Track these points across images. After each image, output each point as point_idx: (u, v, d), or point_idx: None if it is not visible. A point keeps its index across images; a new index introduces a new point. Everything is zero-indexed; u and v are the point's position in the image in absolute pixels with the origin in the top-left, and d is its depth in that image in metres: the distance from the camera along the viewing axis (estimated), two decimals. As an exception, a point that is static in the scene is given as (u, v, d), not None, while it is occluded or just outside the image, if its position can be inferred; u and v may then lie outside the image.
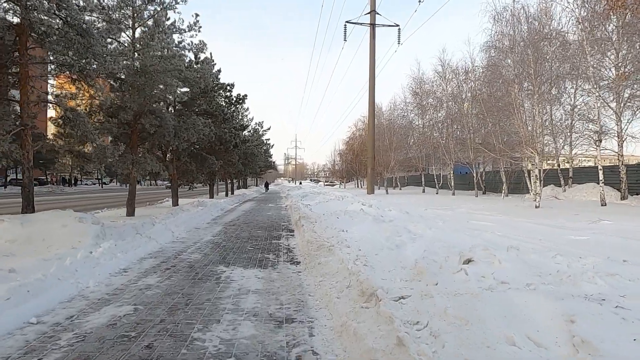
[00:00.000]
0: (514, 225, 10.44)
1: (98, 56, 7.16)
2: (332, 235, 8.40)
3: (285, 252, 7.82)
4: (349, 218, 11.88)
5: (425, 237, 8.50)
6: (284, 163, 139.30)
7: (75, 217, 6.82)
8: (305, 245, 8.07)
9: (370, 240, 8.14)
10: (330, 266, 5.75)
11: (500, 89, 23.37)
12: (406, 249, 7.17)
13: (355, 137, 57.66)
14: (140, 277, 5.51)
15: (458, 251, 5.89)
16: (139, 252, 7.06)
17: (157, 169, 11.58)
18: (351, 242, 7.74)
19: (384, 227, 9.87)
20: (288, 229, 11.49)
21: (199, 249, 7.94)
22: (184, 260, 6.78)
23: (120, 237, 7.30)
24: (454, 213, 14.25)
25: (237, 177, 38.39)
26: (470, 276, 4.15)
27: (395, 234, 8.68)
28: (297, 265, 6.60)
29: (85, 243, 6.40)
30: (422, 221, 11.64)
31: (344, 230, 9.26)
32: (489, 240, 7.78)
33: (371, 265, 5.50)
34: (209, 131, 14.77)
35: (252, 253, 7.56)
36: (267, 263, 6.68)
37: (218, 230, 10.97)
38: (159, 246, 7.99)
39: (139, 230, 8.32)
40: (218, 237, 9.55)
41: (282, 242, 9.06)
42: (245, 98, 25.05)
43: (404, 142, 38.44)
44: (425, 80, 33.15)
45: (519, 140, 16.81)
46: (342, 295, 4.30)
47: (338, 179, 74.60)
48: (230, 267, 6.28)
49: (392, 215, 13.40)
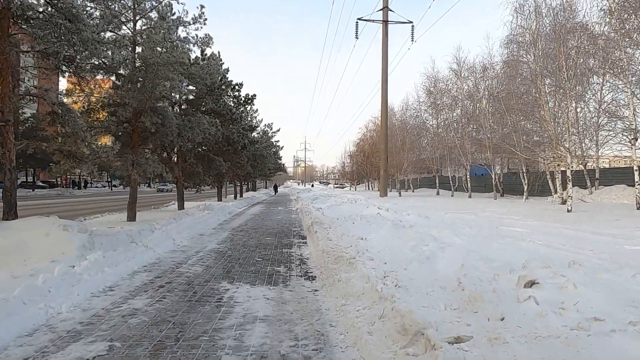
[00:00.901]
0: (551, 232, 9.37)
1: (87, 43, 6.34)
2: (350, 244, 7.45)
3: (298, 263, 6.89)
4: (365, 223, 10.93)
5: (456, 247, 7.51)
6: (293, 165, 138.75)
7: (59, 224, 5.97)
8: (320, 256, 7.13)
9: (394, 250, 7.18)
10: (353, 285, 4.80)
11: (520, 86, 22.25)
12: (437, 261, 6.19)
13: (366, 138, 56.61)
14: (127, 298, 4.62)
15: (508, 268, 4.91)
16: (132, 264, 6.19)
17: (158, 170, 10.75)
18: (373, 253, 6.79)
19: (406, 234, 8.92)
20: (300, 236, 10.57)
21: (201, 259, 7.05)
22: (182, 274, 5.89)
23: (112, 247, 6.44)
24: (478, 218, 13.18)
25: (246, 180, 37.63)
26: (543, 307, 3.17)
27: (421, 243, 7.71)
28: (312, 281, 5.66)
29: (69, 255, 5.55)
30: (446, 227, 10.64)
31: (363, 237, 8.30)
32: (533, 252, 6.76)
33: (404, 284, 4.54)
34: (216, 130, 13.93)
35: (261, 265, 6.65)
36: (278, 278, 5.76)
37: (224, 237, 10.09)
38: (156, 256, 7.11)
39: (134, 238, 7.46)
40: (223, 245, 8.65)
41: (293, 251, 8.14)
42: (254, 98, 24.25)
43: (417, 143, 37.31)
44: (440, 79, 32.04)
45: (548, 139, 15.66)
46: (375, 330, 3.35)
47: (348, 181, 73.55)
48: (235, 284, 5.36)
49: (412, 220, 12.41)
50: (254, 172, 33.36)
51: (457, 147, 28.94)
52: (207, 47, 12.52)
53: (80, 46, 6.43)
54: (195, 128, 12.39)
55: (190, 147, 15.03)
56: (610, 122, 18.99)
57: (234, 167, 22.86)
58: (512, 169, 33.21)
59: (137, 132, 11.28)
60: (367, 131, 56.87)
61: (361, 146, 58.70)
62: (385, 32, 28.99)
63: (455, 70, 29.05)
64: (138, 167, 10.64)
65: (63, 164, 8.52)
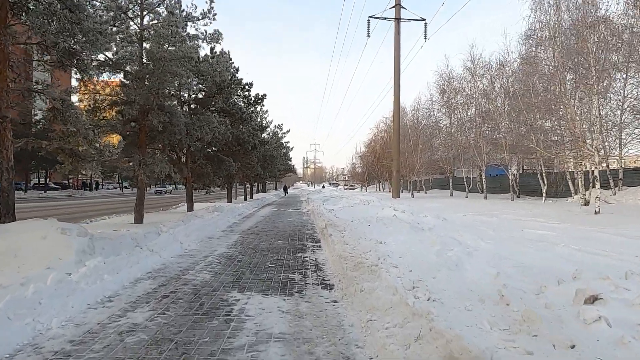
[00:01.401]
0: (583, 235, 8.72)
1: (88, 34, 5.93)
2: (369, 249, 6.92)
3: (314, 270, 6.37)
4: (382, 226, 10.38)
5: (484, 252, 6.94)
6: (303, 167, 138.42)
7: (57, 227, 5.55)
8: (337, 262, 6.61)
9: (418, 255, 6.63)
10: (378, 296, 4.27)
11: (539, 83, 21.48)
12: (466, 268, 5.63)
13: (376, 139, 55.93)
14: (126, 311, 4.15)
15: (554, 278, 4.34)
16: (135, 271, 5.73)
17: (166, 170, 10.34)
18: (395, 259, 6.25)
19: (427, 238, 8.37)
20: (313, 239, 10.05)
21: (210, 265, 6.57)
22: (189, 282, 5.41)
23: (114, 252, 6.00)
24: (500, 220, 12.54)
25: (256, 181, 37.29)
26: (618, 330, 2.61)
27: (445, 247, 7.15)
28: (330, 290, 5.14)
29: (66, 261, 5.11)
30: (468, 230, 10.05)
31: (381, 241, 7.77)
32: (569, 258, 6.15)
33: (437, 297, 4.00)
34: (225, 129, 13.50)
35: (274, 271, 6.15)
36: (293, 287, 5.25)
37: (234, 240, 9.62)
38: (161, 262, 6.66)
39: (139, 242, 7.02)
40: (233, 249, 8.18)
41: (308, 255, 7.63)
42: (264, 98, 23.82)
43: (429, 144, 36.57)
44: (454, 77, 31.29)
45: (573, 138, 14.93)
46: (412, 355, 2.82)
47: (359, 182, 72.91)
48: (246, 294, 4.87)
49: (430, 222, 11.83)
50: (264, 173, 32.97)
51: (472, 147, 28.19)
52: (216, 43, 12.09)
53: (80, 37, 6.02)
54: (205, 127, 11.96)
55: (199, 147, 14.64)
56: (636, 119, 18.15)
57: (243, 168, 22.47)
58: (528, 169, 32.31)
59: (145, 131, 10.89)
60: (378, 131, 56.25)
61: (372, 147, 58.06)
62: (397, 30, 28.40)
63: (470, 68, 28.31)
64: (145, 167, 10.24)
65: (67, 164, 8.15)
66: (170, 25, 9.16)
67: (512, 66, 24.16)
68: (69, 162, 7.48)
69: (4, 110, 6.04)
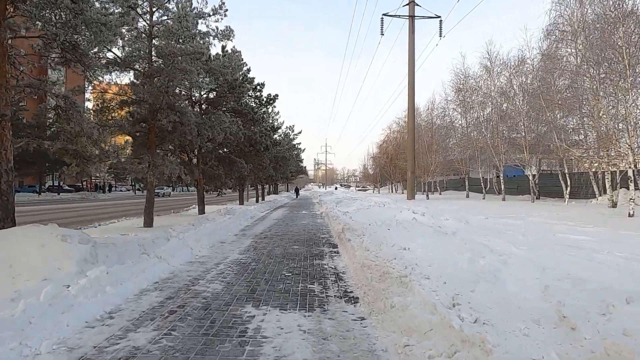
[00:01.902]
0: (623, 240, 8.03)
1: (91, 25, 5.52)
2: (392, 256, 6.36)
3: (334, 279, 5.84)
4: (402, 230, 9.80)
5: (519, 260, 6.32)
6: (314, 168, 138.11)
7: (57, 234, 5.11)
8: (359, 271, 6.07)
9: (447, 264, 6.05)
10: (414, 314, 3.73)
11: (560, 79, 20.66)
12: (505, 279, 5.04)
13: (389, 139, 55.20)
14: (127, 330, 3.67)
15: (621, 295, 3.73)
16: (141, 281, 5.27)
17: (177, 172, 9.92)
18: (423, 267, 5.69)
19: (453, 243, 7.77)
20: (330, 244, 9.53)
21: (221, 274, 6.09)
22: (199, 294, 4.93)
23: (119, 260, 5.55)
24: (526, 223, 11.85)
25: (268, 182, 36.94)
26: None
27: (476, 255, 6.56)
28: (355, 304, 4.60)
29: (66, 271, 4.67)
30: (494, 234, 9.42)
31: (405, 247, 7.20)
32: (620, 269, 5.51)
33: (486, 318, 3.43)
34: (237, 130, 13.06)
35: (290, 281, 5.63)
36: (313, 300, 4.73)
37: (247, 245, 9.14)
38: (170, 270, 6.20)
39: (146, 249, 6.57)
40: (246, 256, 7.69)
41: (326, 262, 7.10)
42: (276, 98, 23.40)
43: (444, 144, 35.77)
44: (470, 75, 30.48)
45: (604, 135, 14.14)
46: (471, 399, 2.27)
47: (371, 183, 72.20)
48: (262, 308, 4.36)
49: (452, 225, 11.21)
50: (275, 175, 32.59)
51: (489, 147, 27.37)
52: (227, 40, 11.66)
53: (83, 29, 5.61)
54: (216, 127, 11.53)
55: (210, 148, 14.25)
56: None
57: (255, 169, 22.06)
58: (547, 169, 31.33)
59: (154, 132, 10.50)
60: (391, 132, 55.53)
61: (384, 148, 57.35)
62: (411, 29, 27.74)
63: (487, 66, 27.50)
64: (155, 169, 9.83)
65: (74, 165, 7.77)
66: (180, 20, 8.75)
67: (533, 63, 23.30)
68: (75, 164, 7.08)
69: (3, 108, 5.65)
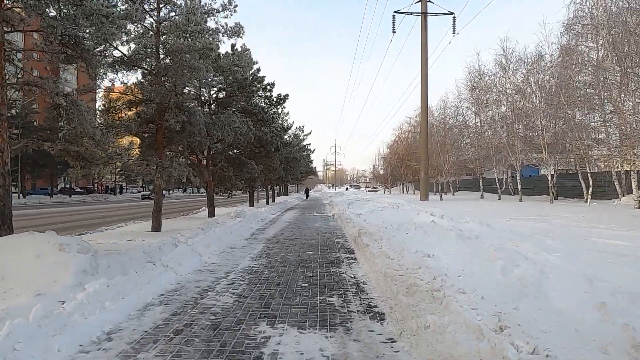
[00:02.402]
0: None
1: (91, 17, 5.11)
2: (417, 264, 5.84)
3: (355, 291, 5.34)
4: (423, 234, 9.24)
5: (560, 270, 5.74)
6: (323, 169, 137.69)
7: (54, 242, 4.70)
8: (382, 281, 5.57)
9: (480, 274, 5.53)
10: (455, 340, 3.21)
11: (582, 75, 19.88)
12: (550, 294, 4.50)
13: (400, 139, 54.47)
14: (127, 356, 3.21)
15: None
16: (145, 294, 4.83)
17: (185, 174, 9.51)
18: (453, 278, 5.17)
19: (480, 249, 7.23)
20: (346, 249, 9.03)
21: (232, 284, 5.63)
22: (208, 309, 4.47)
23: (122, 270, 5.11)
24: (551, 226, 11.20)
25: (278, 184, 36.55)
26: None
27: (509, 263, 6.00)
28: (381, 322, 4.10)
29: (63, 283, 4.25)
30: (522, 238, 8.81)
31: (429, 254, 6.67)
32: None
33: (545, 345, 2.90)
34: (248, 130, 12.63)
35: (307, 293, 5.15)
36: (334, 316, 4.24)
37: (259, 250, 8.69)
38: (177, 280, 5.76)
39: (152, 256, 6.14)
40: (258, 263, 7.23)
41: (344, 270, 6.60)
42: (286, 98, 22.93)
43: (457, 144, 34.98)
44: (485, 73, 29.71)
45: (631, 133, 13.42)
46: None
47: (382, 184, 71.48)
48: (277, 327, 3.89)
49: (474, 228, 10.60)
50: (286, 176, 32.18)
51: (505, 147, 26.60)
52: (237, 36, 11.21)
53: (84, 22, 5.21)
54: (226, 127, 11.11)
55: (220, 149, 13.85)
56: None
57: (266, 170, 21.64)
58: (565, 169, 30.39)
59: (162, 132, 10.10)
60: (402, 132, 54.80)
61: (395, 148, 56.64)
62: (424, 26, 27.11)
63: (502, 63, 26.73)
64: (162, 170, 9.43)
65: (77, 167, 7.39)
66: (188, 14, 8.34)
67: (552, 58, 22.50)
68: (79, 166, 6.70)
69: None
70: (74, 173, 7.87)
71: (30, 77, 6.08)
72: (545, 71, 23.50)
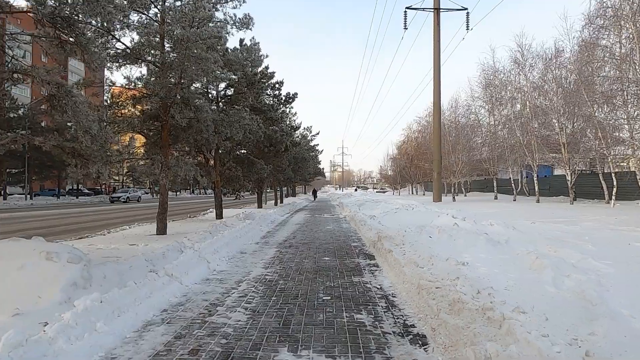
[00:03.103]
0: None
1: None
2: (453, 274, 5.15)
3: (385, 306, 4.65)
4: (448, 238, 8.55)
5: (617, 280, 5.04)
6: (330, 170, 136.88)
7: (41, 251, 4.08)
8: (415, 294, 4.87)
9: (528, 286, 4.84)
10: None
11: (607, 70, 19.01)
12: (621, 312, 3.78)
13: (409, 140, 53.60)
14: (117, 398, 2.57)
15: None
16: (145, 309, 4.18)
17: (192, 174, 8.89)
18: (501, 292, 4.50)
19: (519, 256, 6.57)
20: (365, 254, 8.35)
21: (244, 297, 4.96)
22: (217, 329, 3.81)
23: (119, 282, 4.48)
24: (585, 230, 10.42)
25: (287, 185, 35.94)
26: None
27: (558, 272, 5.30)
28: (425, 348, 3.42)
29: (48, 300, 3.63)
30: (559, 244, 8.05)
31: (463, 262, 5.97)
32: None
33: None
34: (257, 128, 12.00)
35: (331, 309, 4.47)
36: (367, 340, 3.56)
37: (271, 255, 8.03)
38: (182, 291, 5.11)
39: (155, 264, 5.51)
40: (272, 270, 6.57)
41: (367, 280, 5.91)
42: (295, 97, 22.36)
43: (469, 144, 34.07)
44: (500, 70, 28.81)
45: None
46: None
47: (390, 185, 70.61)
48: (302, 355, 3.22)
49: (500, 232, 9.84)
50: (294, 177, 31.57)
51: (521, 146, 25.70)
52: (246, 28, 10.59)
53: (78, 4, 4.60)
54: (235, 124, 10.48)
55: (229, 147, 13.24)
56: None
57: (275, 171, 21.04)
58: (582, 169, 29.36)
59: (167, 129, 9.50)
60: (411, 132, 53.91)
61: (404, 149, 55.76)
62: (436, 22, 26.36)
63: (518, 59, 25.84)
64: (167, 170, 8.82)
65: (74, 166, 6.80)
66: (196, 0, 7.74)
67: (573, 52, 21.59)
68: (80, 165, 6.10)
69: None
70: (74, 173, 7.26)
71: (18, 64, 5.46)
72: (565, 67, 22.61)
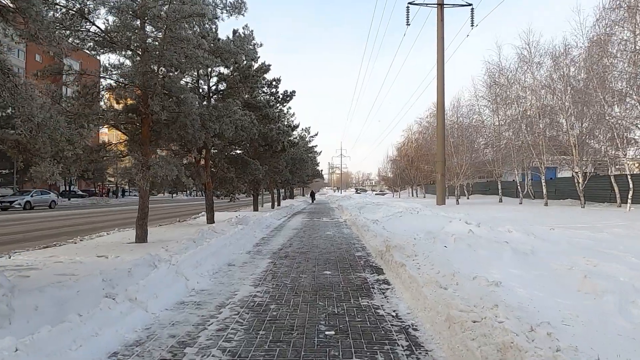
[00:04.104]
0: None
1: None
2: (488, 299, 4.10)
3: (406, 344, 3.57)
4: (467, 248, 7.47)
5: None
6: (329, 172, 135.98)
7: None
8: (444, 328, 3.79)
9: (589, 317, 3.76)
10: None
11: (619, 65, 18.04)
12: None
13: (409, 141, 52.63)
14: None
15: None
16: (84, 356, 3.08)
17: (174, 174, 7.80)
18: (560, 329, 3.41)
19: (559, 273, 5.56)
20: (372, 267, 7.26)
21: (224, 331, 3.87)
22: (179, 389, 2.72)
23: (57, 314, 3.39)
24: (615, 237, 9.39)
25: (284, 187, 34.84)
26: None
27: (619, 297, 4.23)
28: None
29: None
30: (595, 255, 6.97)
31: (496, 282, 4.89)
32: None
33: None
34: (250, 124, 10.91)
35: (336, 351, 3.38)
36: (390, 410, 2.47)
37: (263, 269, 6.93)
38: (145, 323, 4.00)
39: (115, 285, 4.41)
40: (263, 290, 5.47)
41: (378, 304, 4.82)
42: (293, 95, 21.27)
43: (472, 145, 33.04)
44: (506, 68, 27.81)
45: None
46: None
47: (390, 187, 69.58)
48: None
49: (522, 240, 8.80)
50: (292, 179, 30.48)
51: (528, 147, 24.67)
52: (238, 13, 9.50)
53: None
54: (224, 118, 9.40)
55: (220, 146, 12.14)
56: None
57: (271, 172, 19.95)
58: (594, 171, 28.36)
59: (147, 124, 8.41)
60: (411, 133, 52.96)
61: (404, 150, 54.75)
62: (440, 17, 25.43)
63: (525, 56, 24.84)
64: (146, 170, 7.72)
65: (41, 166, 5.72)
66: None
67: (584, 46, 20.60)
68: (20, 160, 5.02)
69: None
70: (37, 172, 6.15)
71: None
72: (576, 63, 21.63)
